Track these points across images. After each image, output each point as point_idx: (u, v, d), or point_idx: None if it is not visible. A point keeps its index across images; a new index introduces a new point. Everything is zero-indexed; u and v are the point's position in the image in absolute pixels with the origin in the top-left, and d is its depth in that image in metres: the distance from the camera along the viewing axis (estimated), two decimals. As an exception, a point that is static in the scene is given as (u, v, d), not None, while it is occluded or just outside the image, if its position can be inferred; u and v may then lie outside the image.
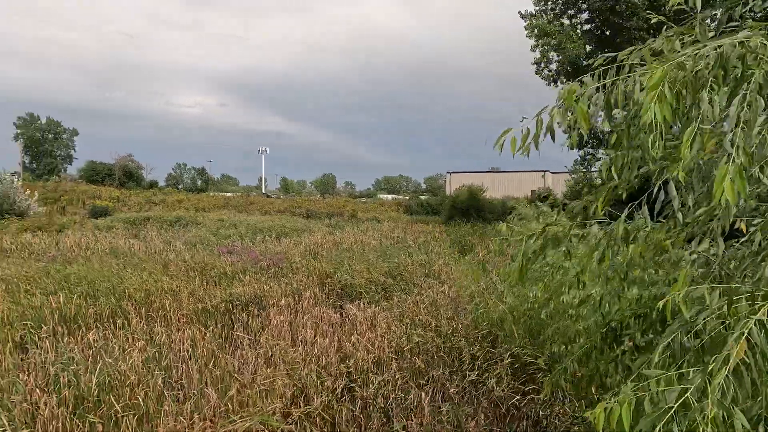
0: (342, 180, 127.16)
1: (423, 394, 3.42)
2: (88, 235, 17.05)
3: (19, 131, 61.21)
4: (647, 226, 2.04)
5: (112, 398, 3.58)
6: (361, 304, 6.37)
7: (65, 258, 11.22)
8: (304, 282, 8.39)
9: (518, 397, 3.32)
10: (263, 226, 20.30)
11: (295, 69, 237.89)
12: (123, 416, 3.36)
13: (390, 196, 70.97)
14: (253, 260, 10.11)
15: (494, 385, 3.39)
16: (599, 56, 1.84)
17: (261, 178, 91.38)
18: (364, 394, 3.54)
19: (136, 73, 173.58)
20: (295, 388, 3.76)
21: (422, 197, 49.85)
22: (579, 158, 19.82)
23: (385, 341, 4.82)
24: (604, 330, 2.37)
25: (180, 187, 68.77)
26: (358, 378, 4.04)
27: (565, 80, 19.60)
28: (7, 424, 3.45)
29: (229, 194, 55.65)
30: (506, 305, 4.00)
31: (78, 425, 3.43)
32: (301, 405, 3.47)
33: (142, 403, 3.57)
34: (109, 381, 3.80)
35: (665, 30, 1.87)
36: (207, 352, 5.04)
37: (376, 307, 6.28)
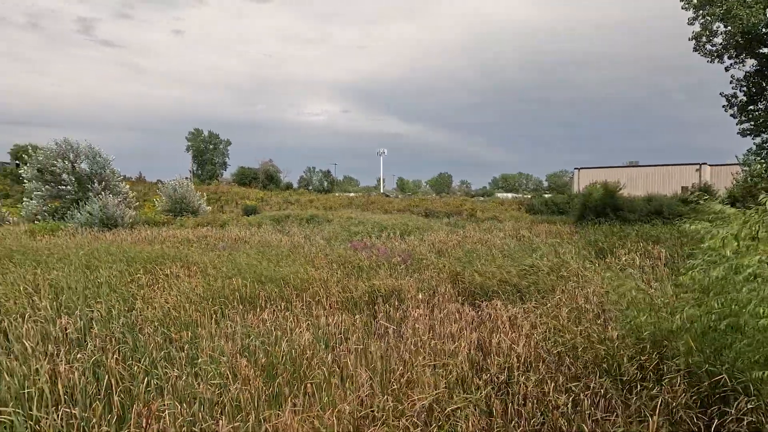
0: (457, 179, 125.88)
1: (584, 398, 3.32)
2: (244, 230, 20.04)
3: (189, 143, 74.39)
4: None
5: (295, 367, 4.24)
6: (498, 303, 6.34)
7: (232, 248, 13.37)
8: (435, 279, 8.65)
9: (706, 420, 3.00)
10: (387, 224, 21.33)
11: (412, 72, 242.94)
12: (309, 383, 3.95)
13: (509, 195, 67.92)
14: (385, 256, 10.75)
15: (670, 400, 3.11)
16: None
17: (379, 179, 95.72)
18: (522, 390, 3.58)
19: (274, 88, 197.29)
20: (449, 377, 3.97)
21: (546, 195, 46.65)
22: (755, 146, 16.46)
23: (531, 342, 4.75)
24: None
25: (310, 188, 75.97)
26: (507, 375, 4.08)
27: (734, 54, 16.46)
28: (217, 380, 4.33)
29: (352, 194, 59.70)
30: (684, 314, 3.61)
31: (270, 386, 4.14)
32: (458, 393, 3.66)
33: (320, 374, 4.14)
34: (291, 352, 4.50)
35: None
36: (357, 337, 5.59)
37: (515, 307, 6.20)
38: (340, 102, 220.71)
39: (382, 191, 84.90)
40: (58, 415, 3.37)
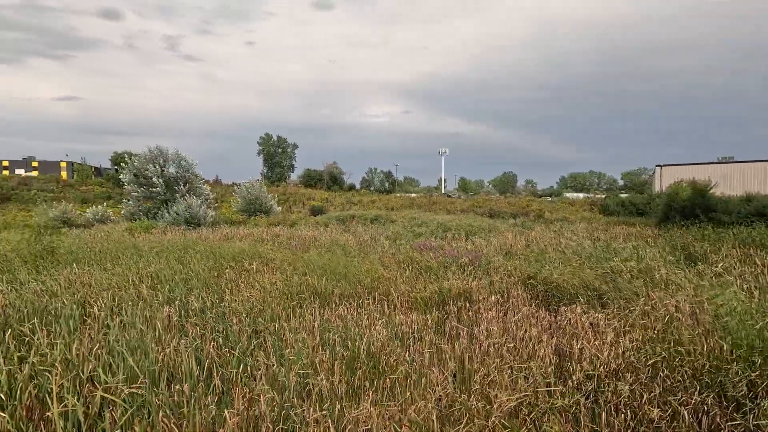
0: (522, 178, 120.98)
1: (683, 412, 3.09)
2: (313, 230, 20.91)
3: (260, 148, 79.00)
4: None
5: (373, 362, 4.39)
6: (578, 308, 6.06)
7: (304, 247, 14.02)
8: (506, 281, 8.45)
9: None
10: (451, 225, 21.12)
11: (473, 70, 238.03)
12: (388, 378, 4.07)
13: (580, 195, 64.09)
14: (452, 257, 10.68)
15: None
16: None
17: (441, 179, 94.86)
18: (612, 399, 3.41)
19: (338, 92, 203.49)
20: (530, 381, 3.89)
21: (622, 195, 43.42)
22: None
23: (617, 350, 4.50)
24: None
25: (371, 188, 77.28)
26: (596, 383, 3.91)
27: None
28: (300, 370, 4.60)
29: (413, 195, 59.82)
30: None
31: (350, 379, 4.32)
32: (539, 399, 3.58)
33: (398, 371, 4.25)
34: (369, 348, 4.66)
35: None
36: (430, 336, 5.64)
37: (597, 313, 5.88)
38: (401, 103, 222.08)
39: (443, 191, 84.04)
40: (171, 392, 3.80)
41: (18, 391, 3.20)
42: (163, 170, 27.21)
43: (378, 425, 3.59)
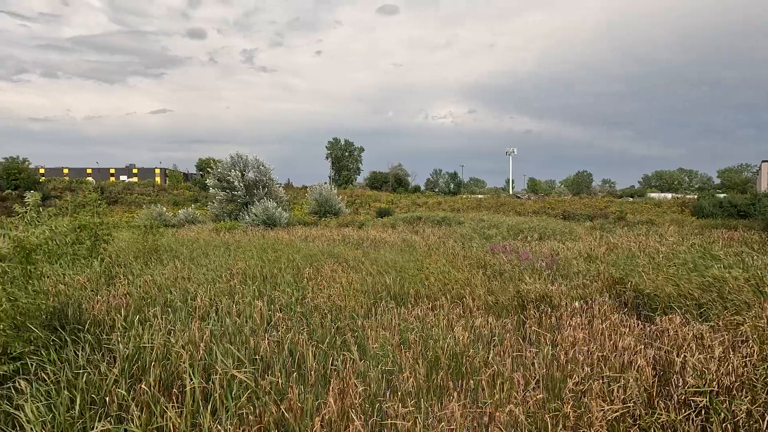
0: (598, 178, 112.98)
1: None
2: (381, 231, 21.30)
3: (328, 152, 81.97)
4: None
5: (456, 364, 4.41)
6: (676, 318, 5.58)
7: (374, 247, 14.36)
8: (589, 286, 8.00)
9: None
10: (523, 227, 20.39)
11: (542, 66, 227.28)
12: (471, 379, 4.08)
13: (668, 195, 58.47)
14: (527, 260, 10.33)
15: None
16: None
17: (508, 180, 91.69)
18: (728, 417, 3.13)
19: (403, 95, 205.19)
20: (629, 393, 3.69)
21: (719, 195, 38.91)
22: None
23: (727, 366, 4.09)
24: None
25: (436, 190, 76.82)
26: (708, 400, 3.60)
27: None
28: (385, 367, 4.75)
29: (480, 196, 58.47)
30: None
31: (433, 379, 4.38)
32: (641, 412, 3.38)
33: (482, 373, 4.23)
34: (452, 349, 4.69)
35: None
36: (509, 341, 5.52)
37: (700, 324, 5.39)
38: (467, 103, 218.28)
39: (511, 192, 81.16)
40: (266, 380, 4.13)
41: (150, 368, 3.68)
42: (244, 175, 29.29)
43: (461, 425, 3.61)
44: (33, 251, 4.96)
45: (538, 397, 3.72)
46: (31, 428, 2.76)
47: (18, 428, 3.02)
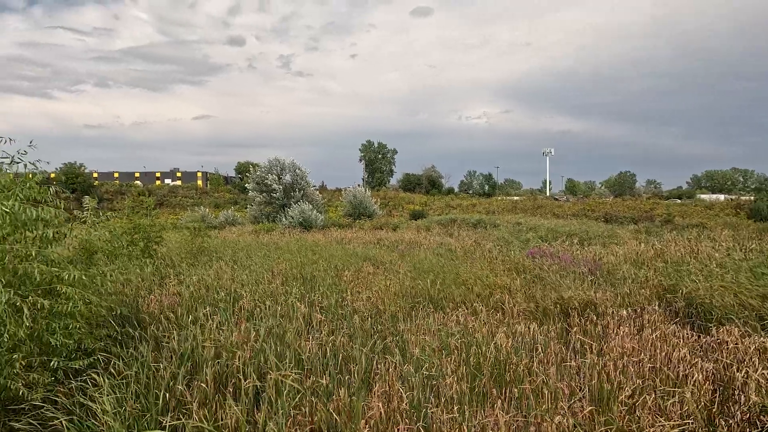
0: (642, 178, 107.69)
1: None
2: (415, 233, 21.28)
3: (362, 154, 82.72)
4: None
5: (499, 371, 4.37)
6: (735, 330, 5.27)
7: (409, 250, 14.37)
8: (636, 294, 7.68)
9: None
10: (561, 230, 19.78)
11: (582, 62, 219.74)
12: (515, 388, 4.03)
13: (720, 196, 55.00)
14: (568, 265, 10.03)
15: None
16: None
17: (545, 181, 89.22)
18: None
19: (436, 96, 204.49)
20: (685, 408, 3.53)
21: (780, 196, 36.22)
22: None
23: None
24: None
25: (470, 191, 75.79)
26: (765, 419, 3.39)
27: None
28: (427, 371, 4.75)
29: (516, 198, 57.16)
30: None
31: (476, 385, 4.35)
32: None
33: (525, 381, 4.17)
34: (495, 356, 4.65)
35: None
36: (552, 349, 5.40)
37: (765, 337, 5.07)
38: (502, 103, 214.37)
39: (548, 194, 78.86)
40: (312, 381, 4.24)
41: (205, 366, 3.88)
42: (281, 178, 30.08)
43: (505, 434, 3.58)
44: (95, 253, 5.32)
45: (587, 409, 3.62)
46: (106, 420, 2.99)
47: (91, 417, 3.27)
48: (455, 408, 3.90)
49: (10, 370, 3.15)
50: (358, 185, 45.94)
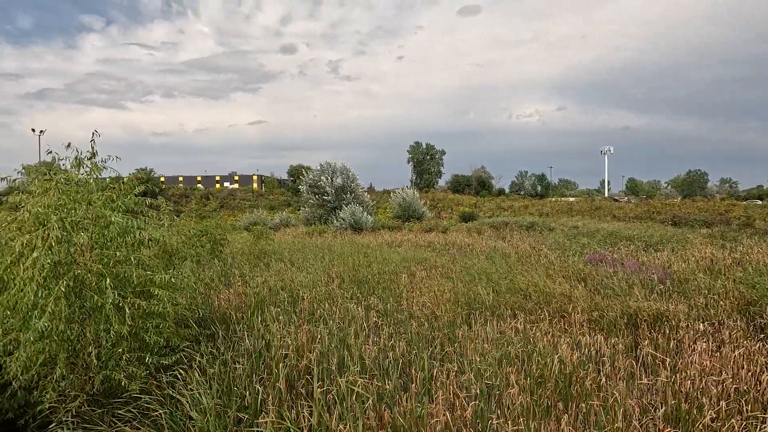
0: (715, 177, 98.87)
1: None
2: (466, 236, 21.00)
3: (410, 156, 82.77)
4: None
5: (564, 383, 4.26)
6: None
7: (461, 254, 14.22)
8: (714, 306, 7.14)
9: None
10: (623, 234, 18.68)
11: (644, 53, 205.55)
12: (582, 403, 3.91)
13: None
14: (635, 273, 9.48)
15: None
16: None
17: (603, 181, 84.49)
18: None
19: (485, 95, 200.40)
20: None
21: None
22: None
23: None
24: None
25: (522, 192, 73.48)
26: None
27: None
28: (487, 380, 4.72)
29: (571, 199, 54.60)
30: None
31: (540, 397, 4.26)
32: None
33: (593, 396, 4.04)
34: (559, 368, 4.54)
35: None
36: (621, 362, 5.15)
37: None
38: (555, 100, 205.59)
39: (607, 195, 74.62)
40: (374, 385, 4.36)
41: (274, 366, 4.13)
42: (332, 181, 30.85)
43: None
44: (174, 255, 5.78)
45: (664, 430, 3.45)
46: (194, 413, 3.29)
47: (178, 409, 3.60)
48: (522, 420, 3.86)
49: (115, 362, 3.54)
50: (407, 187, 46.01)
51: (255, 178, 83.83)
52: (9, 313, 3.48)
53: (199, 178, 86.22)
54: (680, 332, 6.06)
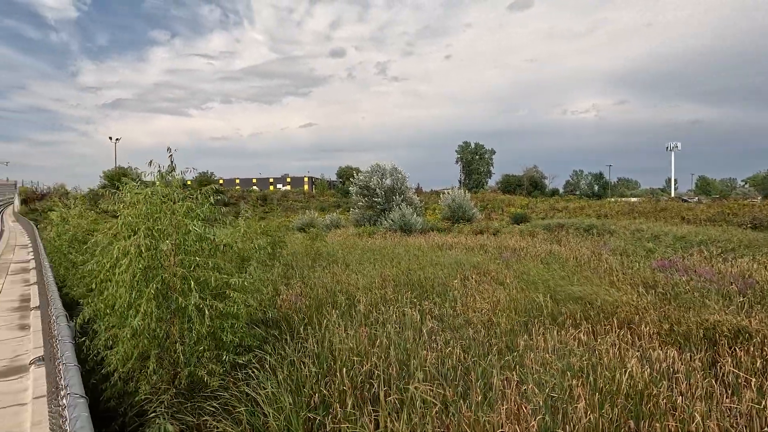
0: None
1: None
2: (519, 239, 20.40)
3: (458, 155, 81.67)
4: None
5: (635, 401, 4.06)
6: None
7: (515, 258, 13.86)
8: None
9: None
10: (695, 239, 17.32)
11: (717, 39, 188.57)
12: (663, 423, 3.72)
13: None
14: (712, 282, 8.79)
15: None
16: None
17: (669, 179, 78.66)
18: None
19: (536, 92, 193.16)
20: None
21: None
22: None
23: None
24: None
25: (577, 192, 70.01)
26: None
27: None
28: (551, 393, 4.60)
29: (633, 199, 51.20)
30: None
31: (609, 416, 4.10)
32: None
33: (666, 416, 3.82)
34: (629, 384, 4.34)
35: None
36: (699, 380, 4.82)
37: None
38: (615, 93, 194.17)
39: (673, 194, 69.30)
40: (433, 386, 4.40)
41: (337, 369, 4.30)
42: (382, 182, 31.17)
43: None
44: (246, 260, 6.15)
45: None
46: (269, 409, 3.52)
47: (252, 405, 3.86)
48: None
49: (197, 359, 3.87)
50: (455, 187, 45.41)
51: (306, 179, 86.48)
52: (109, 311, 3.91)
53: (254, 181, 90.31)
54: (766, 350, 5.56)
